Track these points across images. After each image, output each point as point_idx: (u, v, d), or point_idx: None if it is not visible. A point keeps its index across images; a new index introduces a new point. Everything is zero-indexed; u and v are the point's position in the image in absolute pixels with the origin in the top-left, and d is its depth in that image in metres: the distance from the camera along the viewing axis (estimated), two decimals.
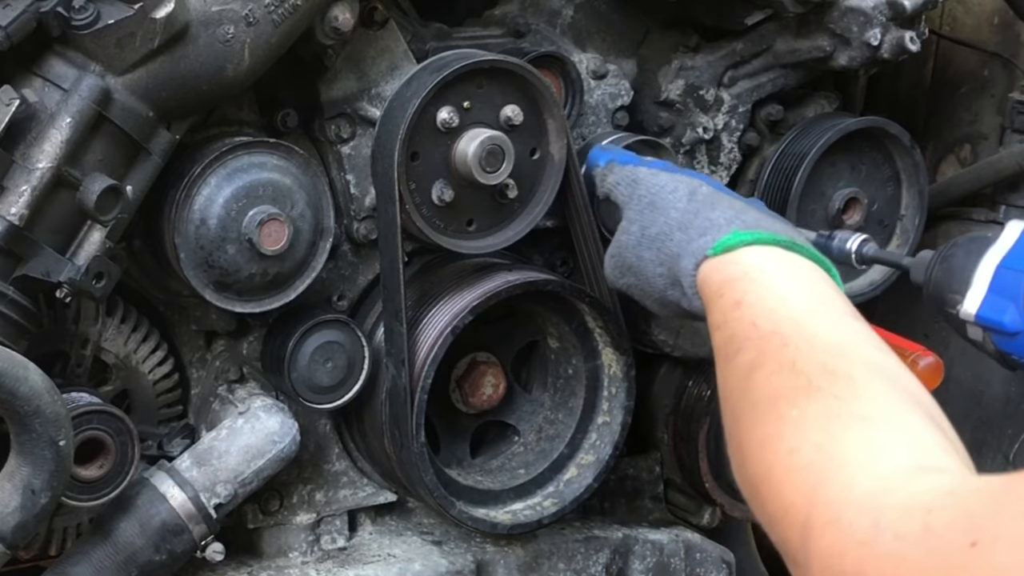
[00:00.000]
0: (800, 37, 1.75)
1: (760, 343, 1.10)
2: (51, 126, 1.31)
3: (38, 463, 1.29)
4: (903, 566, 0.79)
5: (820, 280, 1.21)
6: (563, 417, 1.70)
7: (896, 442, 0.92)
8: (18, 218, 1.30)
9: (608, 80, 1.71)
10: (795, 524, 0.91)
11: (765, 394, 1.04)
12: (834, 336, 1.09)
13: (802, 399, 1.00)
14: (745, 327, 1.14)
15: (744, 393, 1.07)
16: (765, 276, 1.20)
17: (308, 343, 1.54)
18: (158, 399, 1.60)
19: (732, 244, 1.25)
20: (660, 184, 1.41)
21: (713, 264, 1.27)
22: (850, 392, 0.98)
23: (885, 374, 1.03)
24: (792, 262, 1.23)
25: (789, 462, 0.95)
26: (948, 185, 1.97)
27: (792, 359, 1.05)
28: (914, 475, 0.87)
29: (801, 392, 1.01)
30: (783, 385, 1.03)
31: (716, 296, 1.22)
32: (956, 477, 0.87)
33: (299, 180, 1.48)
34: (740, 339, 1.13)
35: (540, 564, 1.72)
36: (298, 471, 1.66)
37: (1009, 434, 1.85)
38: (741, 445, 1.04)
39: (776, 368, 1.05)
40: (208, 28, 1.35)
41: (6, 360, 1.25)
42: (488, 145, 1.48)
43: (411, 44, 1.61)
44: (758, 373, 1.07)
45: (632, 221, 1.42)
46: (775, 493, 0.95)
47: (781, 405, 1.01)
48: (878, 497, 0.85)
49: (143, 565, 1.48)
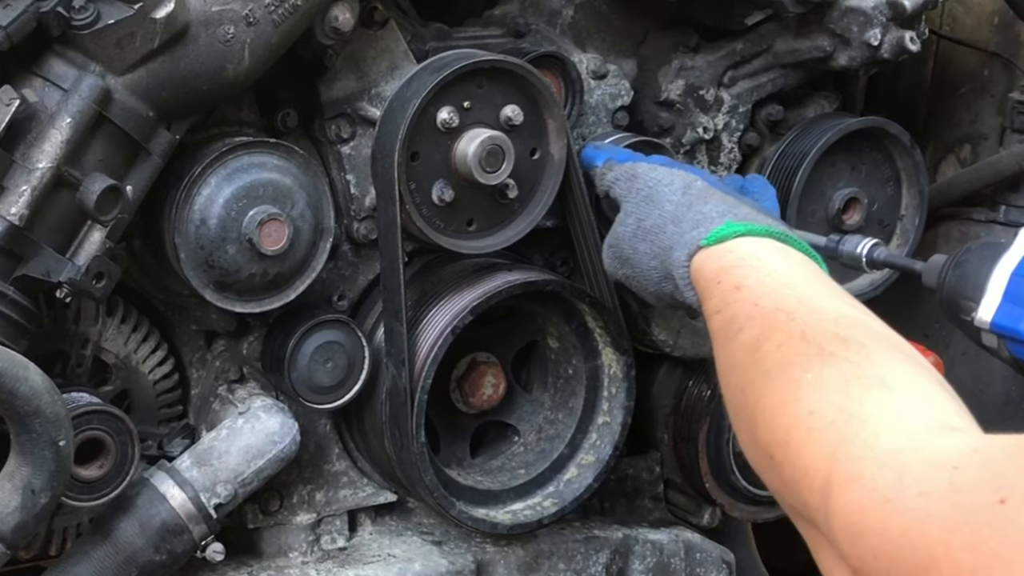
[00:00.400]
0: (800, 37, 1.75)
1: (764, 319, 1.10)
2: (51, 126, 1.31)
3: (38, 463, 1.29)
4: (928, 522, 0.78)
5: (813, 267, 1.24)
6: (563, 417, 1.70)
7: (916, 403, 0.92)
8: (18, 218, 1.30)
9: (608, 80, 1.71)
10: (815, 484, 0.90)
11: (775, 362, 1.03)
12: (840, 310, 1.09)
13: (816, 364, 0.99)
14: (747, 307, 1.14)
15: (751, 365, 1.07)
16: (763, 263, 1.21)
17: (308, 343, 1.54)
18: (158, 399, 1.60)
19: (726, 234, 1.27)
20: (657, 178, 1.43)
21: (707, 253, 1.28)
22: (864, 357, 0.98)
23: (895, 344, 1.03)
24: (786, 251, 1.25)
25: (809, 423, 0.94)
26: (948, 185, 1.97)
27: (801, 330, 1.05)
28: (938, 433, 0.87)
29: (814, 358, 1.00)
30: (795, 352, 1.02)
31: (713, 283, 1.23)
32: (979, 436, 0.87)
33: (299, 180, 1.48)
34: (743, 319, 1.13)
35: (540, 564, 1.72)
36: (298, 471, 1.66)
37: None
38: (753, 413, 1.03)
39: (785, 338, 1.05)
40: (208, 28, 1.35)
41: (6, 360, 1.25)
42: (488, 145, 1.48)
43: (411, 44, 1.61)
44: (766, 345, 1.06)
45: (629, 213, 1.44)
46: (794, 454, 0.94)
47: (794, 370, 1.00)
48: (902, 454, 0.85)
49: (143, 565, 1.48)
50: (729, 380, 1.11)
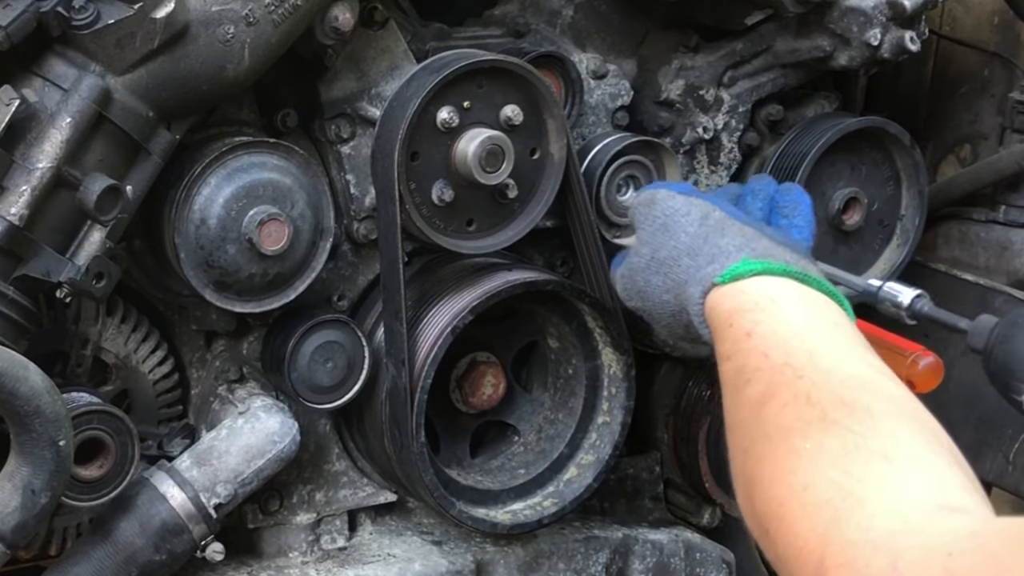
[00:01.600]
0: (800, 37, 1.75)
1: (772, 374, 1.06)
2: (51, 126, 1.31)
3: (38, 463, 1.29)
4: None
5: (834, 313, 1.17)
6: (563, 417, 1.70)
7: (916, 480, 0.89)
8: (18, 218, 1.30)
9: (608, 80, 1.71)
10: (808, 565, 0.87)
11: (776, 426, 1.00)
12: (850, 370, 1.04)
13: (817, 432, 0.96)
14: (756, 358, 1.09)
15: (754, 426, 1.03)
16: (777, 307, 1.15)
17: (308, 343, 1.54)
18: (158, 399, 1.60)
19: (741, 272, 1.21)
20: (674, 207, 1.37)
21: (722, 292, 1.22)
22: (868, 426, 0.94)
23: (904, 409, 0.99)
24: (804, 294, 1.19)
25: (803, 498, 0.92)
26: (948, 185, 1.97)
27: (806, 391, 1.01)
28: (935, 515, 0.84)
29: (815, 425, 0.97)
30: (796, 417, 0.99)
31: (725, 326, 1.18)
32: (978, 518, 0.84)
33: (299, 180, 1.48)
34: (750, 370, 1.09)
35: (540, 564, 1.72)
36: (298, 471, 1.66)
37: (1009, 434, 1.85)
38: (751, 480, 1.00)
39: (789, 399, 1.01)
40: (208, 28, 1.35)
41: (6, 360, 1.25)
42: (488, 145, 1.48)
43: (411, 44, 1.61)
44: (770, 404, 1.03)
45: (644, 243, 1.38)
46: (787, 531, 0.91)
47: (794, 438, 0.97)
48: (897, 538, 0.82)
49: (143, 565, 1.48)
50: (734, 438, 1.08)
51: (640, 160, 1.66)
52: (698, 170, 1.80)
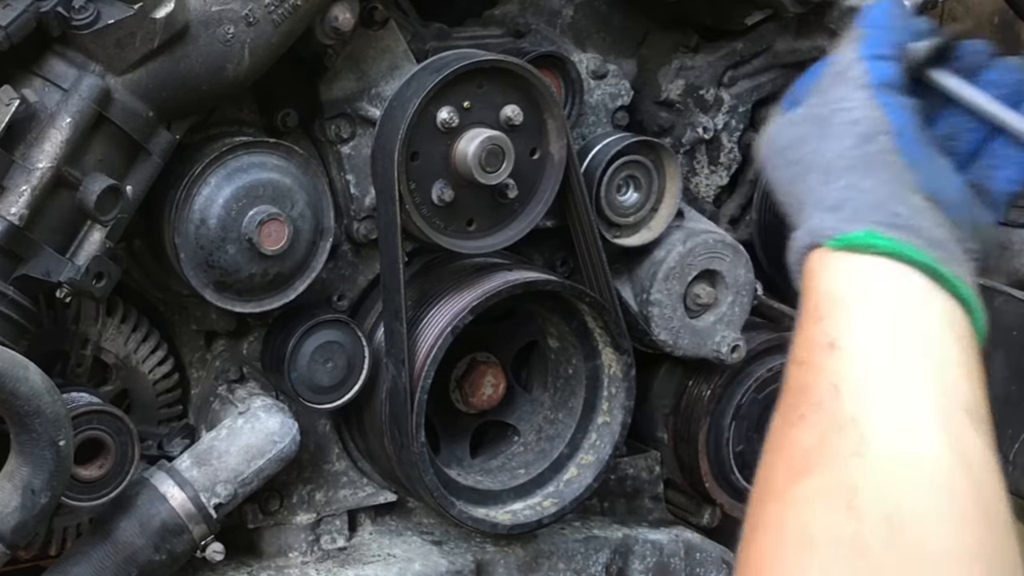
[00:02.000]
0: (800, 37, 1.75)
1: (830, 428, 0.84)
2: (51, 126, 1.31)
3: (38, 463, 1.29)
4: None
5: (950, 349, 0.90)
6: (563, 417, 1.70)
7: None
8: (18, 218, 1.29)
9: (608, 80, 1.71)
10: None
11: (799, 527, 0.81)
12: (924, 460, 0.83)
13: (839, 560, 0.78)
14: (824, 390, 0.87)
15: (782, 506, 0.83)
16: (879, 326, 0.89)
17: (308, 343, 1.54)
18: (158, 399, 1.60)
19: (858, 245, 0.93)
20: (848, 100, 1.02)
21: (827, 260, 0.94)
22: (903, 564, 0.77)
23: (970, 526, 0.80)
24: (924, 316, 0.90)
25: None
26: None
27: (855, 484, 0.80)
28: None
29: (844, 548, 0.78)
30: (825, 525, 0.79)
31: (812, 312, 0.93)
32: None
33: (299, 180, 1.48)
34: (810, 405, 0.87)
35: (540, 564, 1.72)
36: (298, 471, 1.66)
37: (1009, 434, 1.85)
38: (748, 544, 0.84)
39: (828, 487, 0.81)
40: (208, 28, 1.35)
41: (6, 360, 1.25)
42: (488, 145, 1.48)
43: (411, 44, 1.61)
44: (807, 482, 0.82)
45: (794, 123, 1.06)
46: None
47: (809, 555, 0.79)
48: None
49: (143, 565, 1.48)
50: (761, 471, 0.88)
51: (640, 160, 1.66)
52: (698, 170, 1.80)
